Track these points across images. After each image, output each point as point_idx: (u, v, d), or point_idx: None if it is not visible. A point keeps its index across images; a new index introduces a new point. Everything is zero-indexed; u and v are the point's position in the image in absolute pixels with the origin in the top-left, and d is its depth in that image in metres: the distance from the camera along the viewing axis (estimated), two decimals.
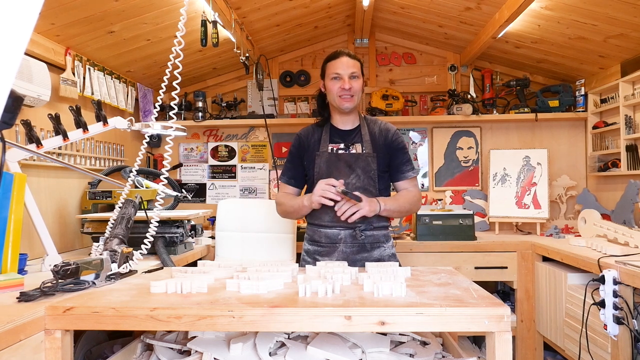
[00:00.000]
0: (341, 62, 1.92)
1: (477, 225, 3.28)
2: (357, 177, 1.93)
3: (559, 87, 3.34)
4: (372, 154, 1.94)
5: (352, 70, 1.92)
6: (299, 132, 2.09)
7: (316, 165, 1.97)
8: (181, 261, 2.24)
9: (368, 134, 1.98)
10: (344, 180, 1.89)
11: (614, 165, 3.07)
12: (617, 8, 2.28)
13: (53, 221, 2.35)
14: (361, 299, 1.15)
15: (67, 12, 2.10)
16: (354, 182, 1.92)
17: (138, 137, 3.34)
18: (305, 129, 2.08)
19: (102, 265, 1.44)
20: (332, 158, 1.96)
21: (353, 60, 1.94)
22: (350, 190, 1.82)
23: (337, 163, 1.95)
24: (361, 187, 1.91)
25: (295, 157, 2.05)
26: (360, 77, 1.95)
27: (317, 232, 1.98)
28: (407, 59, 3.63)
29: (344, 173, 1.93)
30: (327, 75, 1.96)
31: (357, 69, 1.93)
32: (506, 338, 1.06)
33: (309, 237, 2.03)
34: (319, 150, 1.98)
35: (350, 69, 1.92)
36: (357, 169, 1.93)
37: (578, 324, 2.23)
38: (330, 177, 1.90)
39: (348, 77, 1.91)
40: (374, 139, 1.98)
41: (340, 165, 1.94)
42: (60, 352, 1.13)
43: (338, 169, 1.94)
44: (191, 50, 2.88)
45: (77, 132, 1.97)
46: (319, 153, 1.97)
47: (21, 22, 0.54)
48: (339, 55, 1.94)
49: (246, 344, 1.27)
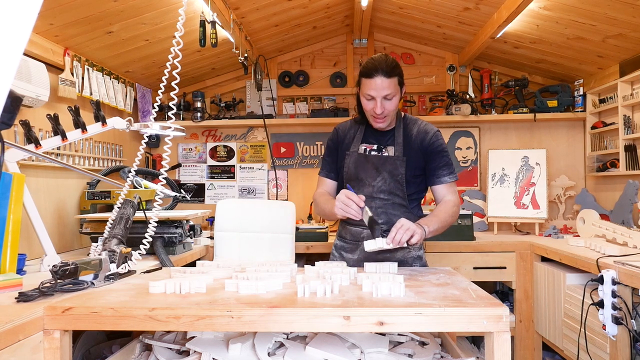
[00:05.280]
0: (375, 84, 1.74)
1: (476, 226, 3.28)
2: (384, 181, 1.87)
3: (558, 87, 3.35)
4: (401, 158, 1.85)
5: (386, 93, 1.75)
6: (337, 125, 2.03)
7: (345, 165, 1.94)
8: (180, 261, 2.24)
9: (402, 135, 1.88)
10: (371, 182, 1.86)
11: (612, 166, 3.07)
12: (616, 8, 2.29)
13: (52, 221, 2.35)
14: (360, 299, 1.15)
15: (65, 13, 2.10)
16: (380, 185, 1.87)
17: (137, 138, 3.33)
18: (344, 124, 2.02)
19: (100, 265, 1.44)
20: (361, 159, 1.91)
21: (388, 80, 1.74)
22: (375, 214, 1.73)
23: (365, 165, 1.90)
24: (387, 191, 1.87)
25: (332, 150, 2.00)
26: (397, 94, 1.79)
27: (345, 229, 2.00)
28: (405, 59, 3.63)
29: (371, 175, 1.88)
30: (361, 90, 1.82)
31: (392, 89, 1.76)
32: (505, 338, 1.06)
33: (338, 233, 2.05)
34: (349, 150, 1.94)
35: (384, 91, 1.75)
36: (384, 172, 1.87)
37: (577, 324, 2.23)
38: (358, 178, 1.89)
39: (381, 100, 1.76)
40: (409, 141, 1.88)
41: (368, 167, 1.89)
42: (59, 352, 1.12)
43: (365, 170, 1.89)
44: (190, 50, 2.88)
45: (75, 133, 1.97)
46: (349, 153, 1.93)
47: (20, 22, 0.54)
48: (374, 75, 1.74)
49: (245, 344, 1.27)
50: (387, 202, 1.88)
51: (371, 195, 1.88)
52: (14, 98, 1.26)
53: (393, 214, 1.87)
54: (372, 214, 1.64)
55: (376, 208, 1.88)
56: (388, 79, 1.74)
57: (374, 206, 1.88)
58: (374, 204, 1.88)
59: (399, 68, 1.80)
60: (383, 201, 1.88)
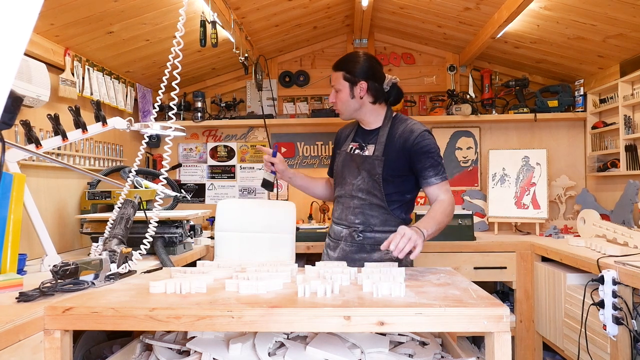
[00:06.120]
0: (331, 75, 1.94)
1: (476, 226, 3.28)
2: (363, 180, 1.90)
3: (558, 87, 3.35)
4: (379, 157, 1.86)
5: (333, 84, 1.92)
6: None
7: (336, 163, 2.03)
8: (180, 261, 2.24)
9: (386, 135, 1.89)
10: (352, 180, 1.92)
11: (613, 166, 3.07)
12: (616, 8, 2.29)
13: (52, 221, 2.35)
14: (360, 299, 1.15)
15: (66, 13, 2.10)
16: (359, 184, 1.91)
17: (137, 138, 3.34)
18: (345, 125, 2.12)
19: (101, 265, 1.44)
20: (347, 158, 1.96)
21: (335, 73, 1.91)
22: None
23: (350, 163, 1.95)
24: (365, 190, 1.89)
25: (334, 150, 2.13)
26: (343, 89, 1.88)
27: (331, 227, 2.06)
28: (406, 59, 3.63)
29: (353, 174, 1.93)
30: None
31: (335, 82, 1.91)
32: (505, 338, 1.06)
33: (328, 232, 2.11)
34: (340, 149, 2.03)
35: (333, 82, 1.93)
36: (363, 171, 1.90)
37: (577, 325, 2.23)
38: (342, 176, 1.97)
39: (333, 91, 1.93)
40: (392, 141, 1.87)
41: (352, 166, 1.94)
42: (59, 352, 1.13)
43: (349, 169, 1.94)
44: (190, 50, 2.88)
45: (76, 133, 1.96)
46: (339, 151, 2.02)
47: (21, 22, 0.54)
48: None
49: (245, 344, 1.27)
50: (364, 201, 1.90)
51: (350, 193, 1.93)
52: (14, 98, 1.26)
53: (370, 215, 1.89)
54: (273, 179, 1.92)
55: (354, 207, 1.92)
56: (334, 72, 1.91)
57: (352, 205, 1.92)
58: (353, 203, 1.92)
59: (349, 65, 1.88)
60: (361, 200, 1.91)
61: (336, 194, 2.03)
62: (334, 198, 2.09)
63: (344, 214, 1.95)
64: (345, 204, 1.95)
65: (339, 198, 1.99)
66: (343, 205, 1.96)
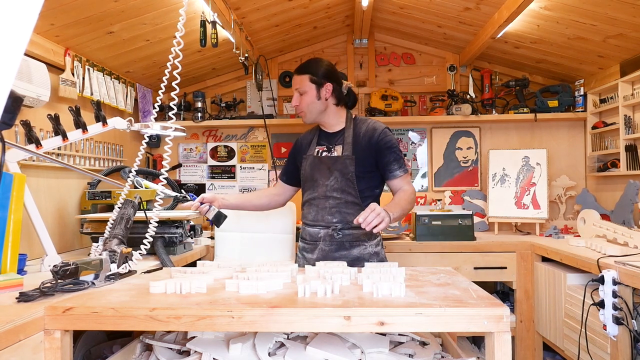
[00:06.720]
0: (293, 79, 2.02)
1: (477, 226, 3.28)
2: (336, 180, 1.97)
3: (558, 87, 3.35)
4: (350, 157, 1.96)
5: (297, 87, 1.99)
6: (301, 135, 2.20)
7: (302, 168, 2.08)
8: (180, 261, 2.24)
9: (352, 135, 2.00)
10: (324, 182, 1.98)
11: (613, 166, 3.07)
12: (616, 8, 2.29)
13: (52, 221, 2.35)
14: (360, 299, 1.15)
15: (66, 13, 2.10)
16: (333, 184, 1.97)
17: (137, 138, 3.34)
18: (305, 133, 2.19)
19: (101, 265, 1.44)
20: (315, 161, 2.03)
21: (299, 77, 1.98)
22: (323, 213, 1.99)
23: (320, 166, 2.01)
24: (339, 189, 1.96)
25: (290, 157, 2.20)
26: (310, 91, 1.97)
27: (304, 230, 2.09)
28: (406, 59, 3.63)
29: (324, 175, 1.99)
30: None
31: (299, 84, 1.98)
32: (505, 338, 1.06)
33: (300, 235, 2.14)
34: (306, 154, 2.08)
35: (296, 86, 1.99)
36: (335, 171, 1.97)
37: (577, 325, 2.23)
38: (313, 179, 2.02)
39: (296, 94, 2.00)
40: (358, 140, 1.99)
41: (322, 168, 2.00)
42: (59, 352, 1.13)
43: (320, 171, 2.01)
44: (190, 50, 2.88)
45: (76, 133, 1.97)
46: (305, 156, 2.08)
47: (21, 22, 0.54)
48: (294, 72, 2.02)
49: (245, 344, 1.27)
50: (340, 201, 1.97)
51: (325, 195, 1.98)
52: (14, 98, 1.26)
53: (347, 213, 1.96)
54: (215, 212, 1.99)
55: (330, 207, 1.97)
56: (298, 75, 1.99)
57: (327, 206, 1.98)
58: (328, 204, 1.98)
59: (314, 68, 1.98)
60: (336, 200, 1.97)
61: (307, 197, 2.07)
62: (283, 204, 2.22)
63: (320, 215, 2.00)
64: (320, 205, 2.00)
65: (312, 201, 2.03)
66: (317, 206, 2.01)
